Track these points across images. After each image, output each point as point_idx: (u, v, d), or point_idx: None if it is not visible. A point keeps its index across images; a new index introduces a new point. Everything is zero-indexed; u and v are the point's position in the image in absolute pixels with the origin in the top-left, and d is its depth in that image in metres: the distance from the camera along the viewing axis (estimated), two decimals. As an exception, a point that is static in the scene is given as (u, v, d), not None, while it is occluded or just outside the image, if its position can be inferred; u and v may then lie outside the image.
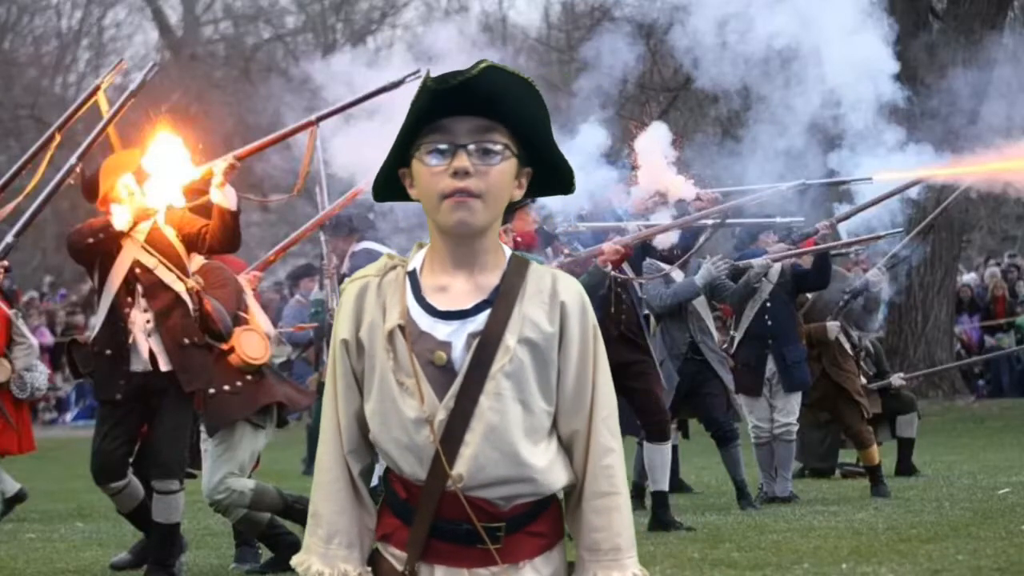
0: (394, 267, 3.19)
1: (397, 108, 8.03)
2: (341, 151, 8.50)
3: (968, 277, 26.43)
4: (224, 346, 8.43)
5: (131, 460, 8.51)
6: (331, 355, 3.20)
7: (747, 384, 11.61)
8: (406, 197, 3.19)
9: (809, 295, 12.21)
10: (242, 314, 8.62)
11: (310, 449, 16.83)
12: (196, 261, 8.49)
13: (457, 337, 3.09)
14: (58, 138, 8.38)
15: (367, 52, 18.19)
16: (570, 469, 3.17)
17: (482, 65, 3.02)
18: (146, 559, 8.54)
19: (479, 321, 3.09)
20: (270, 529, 8.68)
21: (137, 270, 8.19)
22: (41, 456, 14.66)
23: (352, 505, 3.18)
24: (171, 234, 8.30)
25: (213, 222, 8.11)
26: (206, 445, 8.59)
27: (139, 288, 8.19)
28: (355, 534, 3.18)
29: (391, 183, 3.19)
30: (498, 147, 3.08)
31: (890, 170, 10.55)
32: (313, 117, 8.25)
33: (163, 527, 8.26)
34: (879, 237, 11.42)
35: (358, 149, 8.30)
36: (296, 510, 8.64)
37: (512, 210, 3.17)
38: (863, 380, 12.65)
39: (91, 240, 8.21)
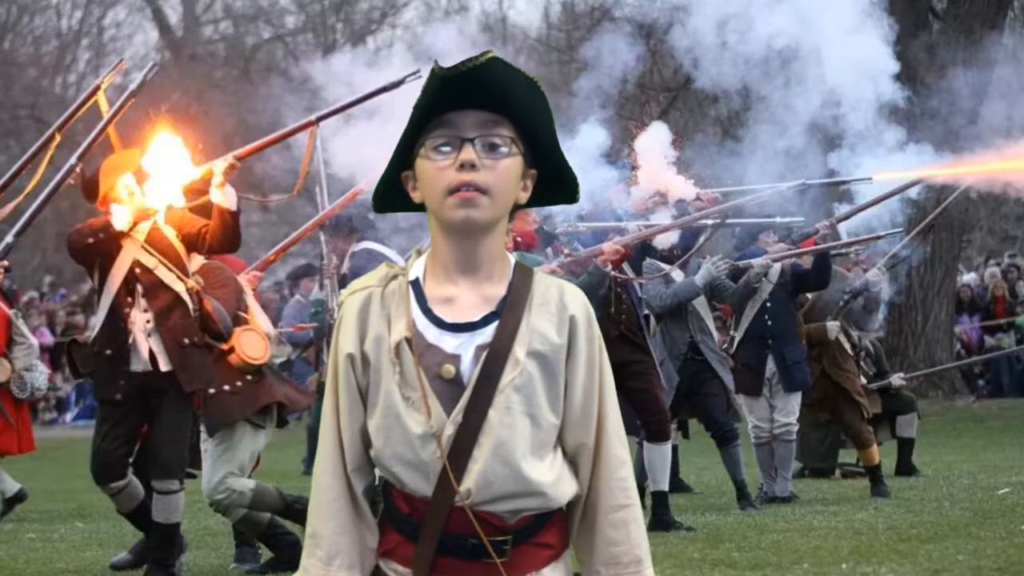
0: (395, 276, 3.10)
1: (397, 108, 8.03)
2: (341, 151, 8.50)
3: (968, 277, 26.42)
4: (224, 346, 8.43)
5: (131, 460, 8.51)
6: (332, 369, 3.10)
7: (747, 384, 11.61)
8: (407, 206, 3.13)
9: (809, 295, 12.21)
10: (242, 314, 8.61)
11: (310, 449, 16.83)
12: (196, 261, 8.49)
13: (465, 350, 3.03)
14: (58, 138, 8.38)
15: (367, 52, 18.19)
16: (575, 481, 3.12)
17: (488, 55, 2.98)
18: (146, 559, 8.54)
19: (487, 333, 3.03)
20: (270, 529, 8.68)
21: (137, 270, 8.19)
22: (41, 456, 14.66)
23: (353, 525, 3.10)
24: (171, 234, 8.30)
25: (213, 222, 8.11)
26: (206, 445, 8.59)
27: (139, 288, 8.19)
28: (356, 555, 3.10)
29: (393, 191, 3.13)
30: (504, 141, 3.03)
31: (890, 170, 10.55)
32: (313, 117, 8.25)
33: (163, 527, 8.26)
34: (879, 237, 11.42)
35: (358, 149, 8.30)
36: (296, 510, 8.64)
37: (512, 210, 3.12)
38: (863, 380, 12.65)
39: (91, 240, 8.21)
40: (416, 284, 3.08)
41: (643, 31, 15.12)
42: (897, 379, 13.67)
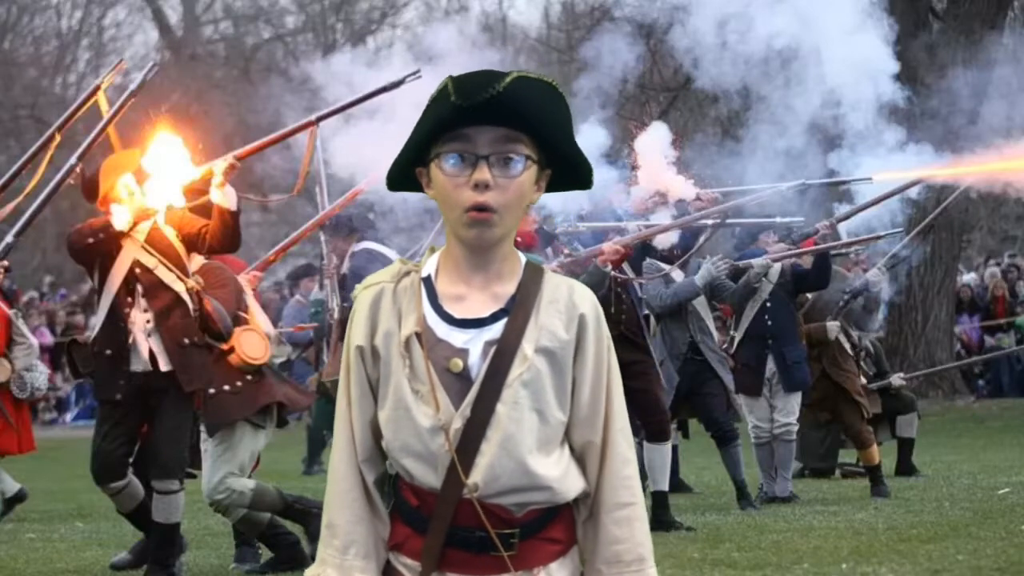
0: (408, 273, 3.14)
1: (397, 108, 8.04)
2: (341, 151, 8.50)
3: (968, 277, 26.42)
4: (224, 346, 8.43)
5: (131, 460, 8.51)
6: (344, 362, 3.15)
7: (747, 384, 11.61)
8: (419, 188, 3.15)
9: (809, 295, 12.21)
10: (242, 314, 8.62)
11: (310, 449, 16.83)
12: (196, 261, 8.49)
13: (474, 345, 3.06)
14: (58, 138, 8.38)
15: (367, 52, 18.19)
16: (583, 477, 3.14)
17: (508, 79, 2.96)
18: (146, 559, 8.54)
19: (496, 330, 3.07)
20: (270, 529, 8.68)
21: (137, 270, 8.19)
22: (41, 456, 14.66)
23: (368, 515, 3.13)
24: (171, 234, 8.30)
25: (213, 222, 8.11)
26: (206, 445, 8.59)
27: (139, 288, 8.19)
28: (371, 544, 3.13)
29: (405, 175, 3.15)
30: (520, 157, 3.03)
31: (890, 170, 10.55)
32: (313, 117, 8.25)
33: (163, 527, 8.26)
34: (879, 237, 11.42)
35: (358, 149, 8.30)
36: (296, 510, 8.64)
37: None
38: (863, 380, 12.65)
39: (91, 240, 8.21)
40: (428, 281, 3.12)
41: (643, 31, 15.11)
42: (897, 379, 13.67)
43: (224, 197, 8.04)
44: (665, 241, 10.55)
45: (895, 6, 14.21)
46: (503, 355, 3.05)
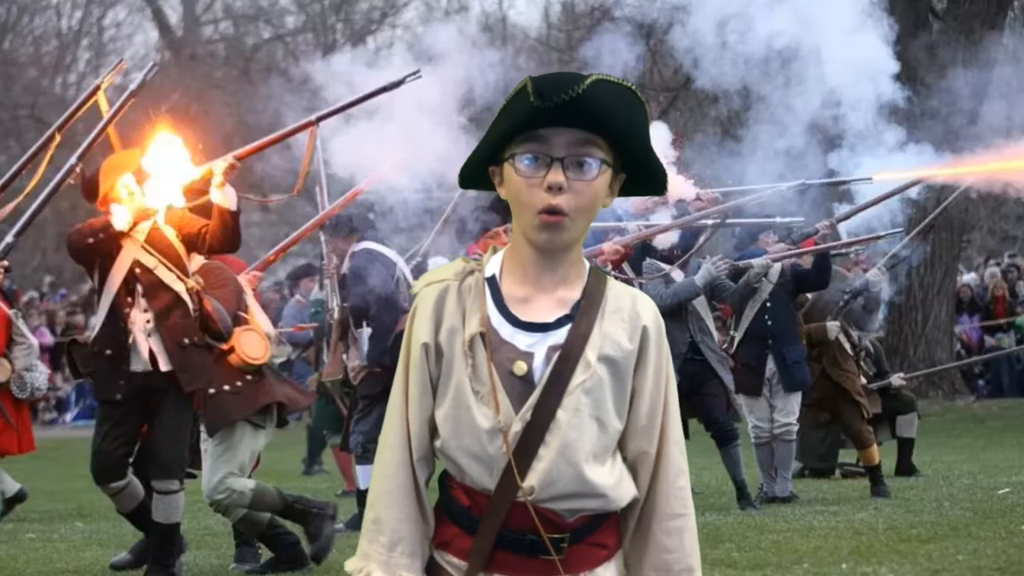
0: (471, 272, 3.12)
1: (397, 108, 8.04)
2: (341, 151, 8.50)
3: (968, 277, 26.42)
4: (224, 346, 8.43)
5: (131, 460, 8.51)
6: (404, 358, 3.13)
7: (747, 384, 11.60)
8: (491, 186, 3.14)
9: (809, 295, 12.20)
10: (242, 314, 8.62)
11: (310, 449, 16.83)
12: (196, 261, 8.49)
13: (538, 349, 3.06)
14: (58, 138, 8.38)
15: (367, 52, 18.18)
16: (634, 484, 3.15)
17: (588, 81, 2.95)
18: (146, 559, 8.54)
19: (560, 335, 3.06)
20: (270, 529, 8.68)
21: (137, 270, 8.19)
22: (41, 456, 14.66)
23: (416, 513, 3.13)
24: (171, 234, 8.30)
25: (213, 222, 8.11)
26: (206, 445, 8.59)
27: (139, 288, 8.19)
28: (417, 543, 3.12)
29: (479, 174, 3.13)
30: (595, 161, 3.02)
31: (890, 170, 10.56)
32: (313, 117, 8.25)
33: (163, 527, 8.26)
34: (879, 237, 11.42)
35: (358, 149, 8.30)
36: (296, 510, 8.64)
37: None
38: (863, 380, 12.65)
39: (91, 240, 8.21)
40: (492, 281, 3.11)
41: (643, 31, 15.10)
42: (897, 379, 13.67)
43: (224, 197, 8.04)
44: (665, 241, 10.55)
45: (895, 6, 14.21)
46: (567, 361, 3.04)
